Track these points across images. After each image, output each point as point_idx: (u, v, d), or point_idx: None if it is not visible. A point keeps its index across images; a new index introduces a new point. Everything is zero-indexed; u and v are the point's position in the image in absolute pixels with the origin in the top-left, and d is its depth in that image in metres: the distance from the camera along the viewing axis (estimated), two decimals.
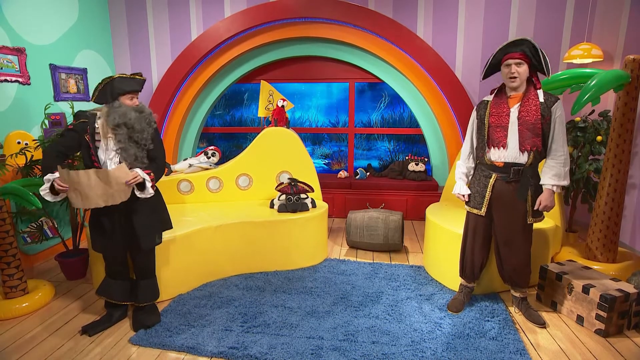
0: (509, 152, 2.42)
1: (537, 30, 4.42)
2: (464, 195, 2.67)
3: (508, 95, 2.45)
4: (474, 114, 2.62)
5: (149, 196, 2.42)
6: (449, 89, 4.59)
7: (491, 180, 2.51)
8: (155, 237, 2.58)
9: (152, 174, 2.42)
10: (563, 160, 2.38)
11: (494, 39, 4.54)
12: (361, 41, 4.69)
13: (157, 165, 2.51)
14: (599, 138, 3.60)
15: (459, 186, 2.69)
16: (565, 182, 2.39)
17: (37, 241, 3.35)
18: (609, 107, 4.12)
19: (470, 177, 2.71)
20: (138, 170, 2.35)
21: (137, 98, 2.48)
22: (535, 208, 2.46)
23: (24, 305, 2.75)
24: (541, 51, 2.31)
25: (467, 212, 2.69)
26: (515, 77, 2.36)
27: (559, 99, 2.39)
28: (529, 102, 2.36)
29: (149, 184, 2.39)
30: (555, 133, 2.38)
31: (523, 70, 2.35)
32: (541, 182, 2.45)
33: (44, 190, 2.28)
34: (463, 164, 2.70)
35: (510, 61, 2.36)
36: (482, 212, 2.57)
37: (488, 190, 2.53)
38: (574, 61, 3.98)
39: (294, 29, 4.76)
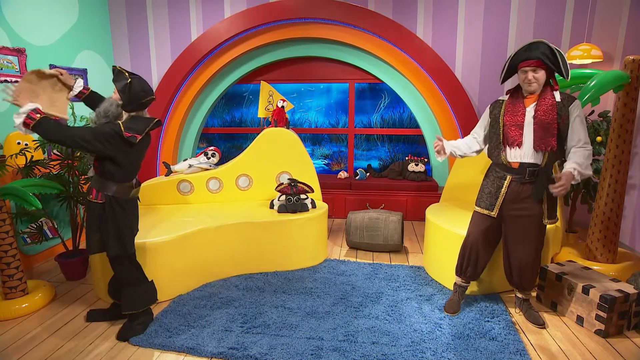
0: (525, 152, 2.39)
1: (537, 30, 4.42)
2: (439, 153, 2.66)
3: (524, 95, 2.43)
4: (487, 110, 2.61)
5: (16, 122, 2.09)
6: (449, 89, 4.59)
7: (505, 181, 2.49)
8: (105, 246, 2.35)
9: (38, 115, 2.10)
10: (588, 152, 2.30)
11: (493, 39, 4.53)
12: (361, 42, 4.70)
13: (61, 125, 2.19)
14: (598, 139, 3.60)
15: (448, 144, 2.68)
16: (589, 172, 2.29)
17: (37, 242, 3.35)
18: (608, 107, 4.12)
19: (457, 152, 2.68)
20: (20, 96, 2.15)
21: (115, 92, 2.35)
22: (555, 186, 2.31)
23: (24, 305, 2.75)
24: (559, 52, 2.27)
25: (475, 212, 2.66)
26: (532, 83, 2.34)
27: (575, 98, 2.35)
28: (545, 101, 2.33)
29: (18, 119, 2.08)
30: (577, 132, 2.32)
31: (540, 75, 2.32)
32: (565, 168, 2.32)
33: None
34: (463, 140, 2.70)
35: (526, 68, 2.33)
36: (494, 213, 2.54)
37: (502, 191, 2.50)
38: (574, 62, 3.98)
39: (294, 29, 4.76)
